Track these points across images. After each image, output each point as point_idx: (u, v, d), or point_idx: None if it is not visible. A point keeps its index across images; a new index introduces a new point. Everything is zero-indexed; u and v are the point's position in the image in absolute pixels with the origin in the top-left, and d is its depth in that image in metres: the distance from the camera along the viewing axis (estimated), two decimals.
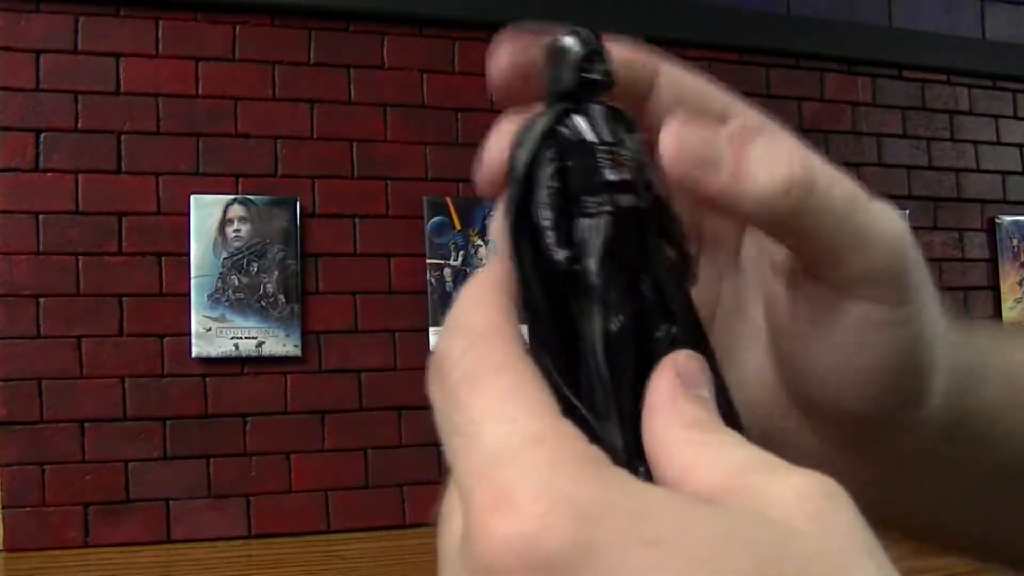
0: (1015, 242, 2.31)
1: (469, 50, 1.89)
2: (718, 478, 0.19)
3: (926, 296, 0.27)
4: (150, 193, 1.70)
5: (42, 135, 1.66)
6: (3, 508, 1.58)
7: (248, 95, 1.78)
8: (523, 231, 0.25)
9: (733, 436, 0.21)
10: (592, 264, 0.24)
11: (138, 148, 1.70)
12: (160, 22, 1.73)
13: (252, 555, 1.61)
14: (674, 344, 0.24)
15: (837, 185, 0.25)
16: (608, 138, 0.25)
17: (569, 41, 0.26)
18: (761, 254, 0.30)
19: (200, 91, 1.75)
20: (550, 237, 0.24)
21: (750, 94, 0.29)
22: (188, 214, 1.71)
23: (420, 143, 1.86)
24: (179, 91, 1.74)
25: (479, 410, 0.19)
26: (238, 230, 1.73)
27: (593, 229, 0.24)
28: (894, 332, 0.26)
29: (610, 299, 0.24)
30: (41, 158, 1.66)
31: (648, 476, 0.22)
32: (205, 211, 1.72)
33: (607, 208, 0.24)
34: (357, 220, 1.82)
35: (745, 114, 0.29)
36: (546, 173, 0.25)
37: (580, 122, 0.25)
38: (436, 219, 1.85)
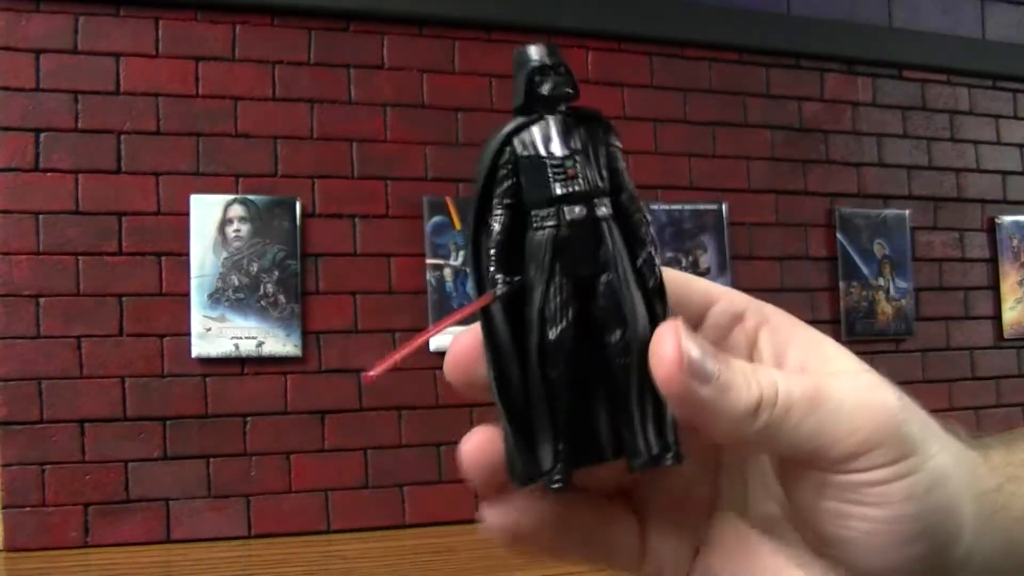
0: (1015, 242, 2.31)
1: (469, 50, 1.89)
2: None
3: (932, 445, 0.27)
4: (150, 193, 1.70)
5: (42, 135, 1.66)
6: (3, 508, 1.58)
7: (248, 95, 1.78)
8: (483, 245, 0.26)
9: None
10: (535, 277, 0.25)
11: (138, 148, 1.70)
12: (160, 22, 1.73)
13: (252, 555, 1.61)
14: (627, 349, 0.25)
15: (796, 388, 0.26)
16: (560, 151, 0.25)
17: (523, 54, 0.26)
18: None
19: (200, 91, 1.75)
20: (491, 260, 0.26)
21: (750, 94, 0.29)
22: (188, 214, 1.71)
23: (420, 143, 1.86)
24: (179, 91, 1.74)
25: None
26: (238, 230, 1.73)
27: (539, 243, 0.25)
28: (904, 484, 0.26)
29: (549, 311, 0.25)
30: (41, 158, 1.66)
31: (566, 481, 0.24)
32: (205, 211, 1.72)
33: (551, 223, 0.25)
34: (357, 220, 1.82)
35: (729, 298, 0.30)
36: (500, 189, 0.26)
37: (535, 136, 0.26)
38: (436, 219, 1.85)
